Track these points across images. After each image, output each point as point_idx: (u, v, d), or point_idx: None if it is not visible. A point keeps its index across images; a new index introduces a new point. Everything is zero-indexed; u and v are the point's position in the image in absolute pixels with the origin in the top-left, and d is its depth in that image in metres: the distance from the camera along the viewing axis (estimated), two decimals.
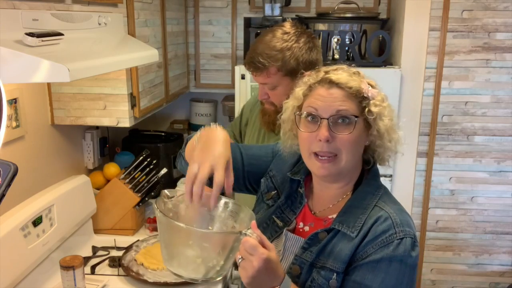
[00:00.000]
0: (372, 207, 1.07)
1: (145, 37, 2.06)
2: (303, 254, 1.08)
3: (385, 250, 1.00)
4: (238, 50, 2.81)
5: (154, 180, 2.09)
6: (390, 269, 1.00)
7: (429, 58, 2.49)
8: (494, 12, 2.42)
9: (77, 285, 1.54)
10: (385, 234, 1.02)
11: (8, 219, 1.49)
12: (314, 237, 1.08)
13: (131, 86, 1.90)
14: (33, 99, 1.78)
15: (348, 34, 2.53)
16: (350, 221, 1.06)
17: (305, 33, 1.59)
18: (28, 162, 1.73)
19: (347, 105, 1.04)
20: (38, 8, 1.29)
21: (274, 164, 1.29)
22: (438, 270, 2.76)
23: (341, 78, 1.06)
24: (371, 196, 1.09)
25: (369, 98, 1.05)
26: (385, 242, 1.01)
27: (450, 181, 2.64)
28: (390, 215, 1.05)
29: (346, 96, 1.04)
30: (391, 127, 1.08)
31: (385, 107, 1.07)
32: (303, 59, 1.55)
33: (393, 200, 1.12)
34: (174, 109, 3.10)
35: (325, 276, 1.04)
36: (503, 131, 2.56)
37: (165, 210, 1.06)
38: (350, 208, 1.08)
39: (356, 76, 1.08)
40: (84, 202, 1.93)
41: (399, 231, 1.02)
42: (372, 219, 1.05)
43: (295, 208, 1.17)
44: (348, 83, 1.05)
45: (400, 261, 1.00)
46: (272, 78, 1.57)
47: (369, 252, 1.02)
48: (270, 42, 1.56)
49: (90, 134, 2.18)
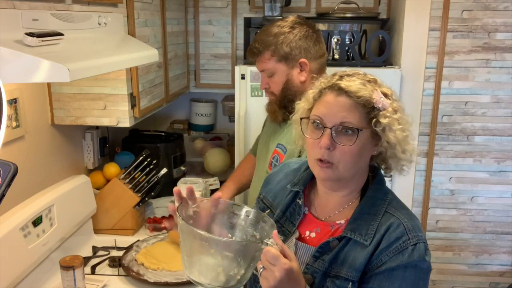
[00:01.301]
0: (383, 214, 1.07)
1: (145, 37, 2.06)
2: (315, 263, 1.08)
3: (400, 257, 1.01)
4: (238, 50, 2.81)
5: (154, 180, 2.09)
6: (406, 275, 1.01)
7: (429, 58, 2.49)
8: (494, 12, 2.42)
9: (77, 285, 1.54)
10: (398, 241, 1.02)
11: (8, 219, 1.49)
12: (325, 246, 1.07)
13: (131, 86, 1.90)
14: (33, 99, 1.78)
15: (348, 34, 2.53)
16: (362, 228, 1.05)
17: (306, 24, 1.62)
18: (28, 162, 1.73)
19: (352, 116, 1.02)
20: (38, 8, 1.29)
21: (262, 188, 1.31)
22: (438, 270, 2.76)
23: (351, 85, 1.04)
24: (380, 202, 1.09)
25: (379, 108, 1.03)
26: (400, 249, 1.01)
27: (450, 181, 2.64)
28: (401, 221, 1.05)
29: (353, 106, 1.02)
30: (403, 139, 1.05)
31: (396, 118, 1.03)
32: (297, 44, 1.58)
33: (401, 204, 1.12)
34: (174, 109, 3.10)
35: (340, 285, 1.03)
36: (503, 131, 2.56)
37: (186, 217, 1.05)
38: (360, 215, 1.07)
39: (370, 84, 1.05)
40: (84, 202, 1.93)
41: (412, 237, 1.02)
42: (384, 226, 1.04)
43: (294, 219, 1.16)
44: (358, 92, 1.03)
45: (415, 267, 1.01)
46: (267, 63, 1.62)
47: (384, 260, 1.02)
48: (267, 29, 1.63)
49: (90, 134, 2.18)
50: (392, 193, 1.13)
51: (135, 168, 2.07)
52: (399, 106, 1.06)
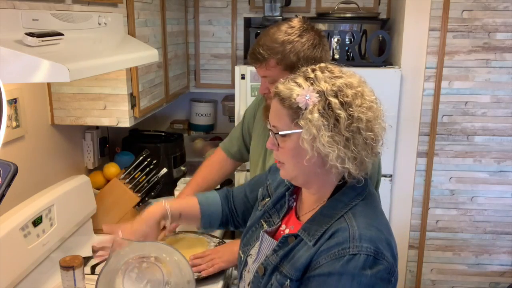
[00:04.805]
0: (338, 218, 1.02)
1: (145, 37, 2.06)
2: (271, 256, 1.08)
3: (335, 264, 0.95)
4: (238, 50, 2.81)
5: (154, 180, 2.09)
6: (339, 284, 0.94)
7: (429, 58, 2.49)
8: (494, 12, 2.42)
9: (77, 285, 1.54)
10: (338, 247, 0.96)
11: (8, 219, 1.49)
12: (284, 241, 1.08)
13: (131, 86, 1.90)
14: (33, 99, 1.77)
15: (348, 34, 2.53)
16: (312, 229, 1.04)
17: (312, 30, 1.56)
18: (28, 162, 1.73)
19: (280, 119, 1.03)
20: (38, 8, 1.29)
21: (271, 174, 1.33)
22: (438, 270, 2.76)
23: (281, 90, 1.02)
24: (342, 205, 1.04)
25: (302, 107, 0.98)
26: (337, 256, 0.96)
27: (450, 181, 2.64)
28: (350, 228, 0.98)
29: (279, 110, 1.03)
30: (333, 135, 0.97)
31: (314, 117, 0.96)
32: (304, 54, 1.51)
33: (367, 213, 1.03)
34: (174, 109, 3.10)
35: (280, 280, 1.03)
36: (503, 131, 2.56)
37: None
38: (319, 216, 1.06)
39: (305, 82, 1.00)
40: (84, 202, 1.93)
41: (353, 246, 0.95)
42: (332, 229, 1.00)
43: (281, 212, 1.18)
44: (286, 94, 1.00)
45: (351, 278, 0.94)
46: (271, 71, 1.55)
47: (321, 263, 0.98)
48: (273, 35, 1.54)
49: (90, 134, 2.18)
50: (367, 201, 1.06)
51: (135, 168, 2.07)
52: (319, 105, 0.97)
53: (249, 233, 1.24)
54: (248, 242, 1.22)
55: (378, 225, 1.01)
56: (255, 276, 1.11)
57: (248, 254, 1.20)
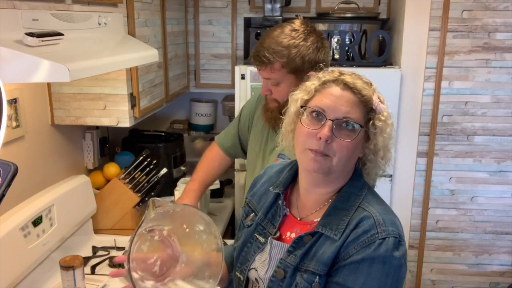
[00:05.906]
0: (356, 208, 1.05)
1: (145, 37, 2.06)
2: (287, 258, 1.07)
3: (366, 250, 0.99)
4: (238, 50, 2.81)
5: (154, 180, 2.09)
6: (372, 270, 0.98)
7: (429, 58, 2.49)
8: (494, 12, 2.42)
9: (77, 285, 1.54)
10: (366, 234, 1.00)
11: (8, 219, 1.50)
12: (299, 241, 1.07)
13: (131, 86, 1.90)
14: (33, 99, 1.78)
15: (348, 34, 2.53)
16: (333, 223, 1.04)
17: (315, 33, 1.57)
18: (28, 162, 1.73)
19: (356, 112, 1.03)
20: (38, 8, 1.29)
21: (248, 192, 1.30)
22: (438, 270, 2.76)
23: (356, 83, 1.05)
24: (355, 196, 1.08)
25: (376, 111, 1.05)
26: (367, 243, 0.99)
27: (450, 181, 2.64)
28: (372, 214, 1.03)
29: (357, 103, 1.04)
30: (386, 146, 1.08)
31: (388, 124, 1.07)
32: (309, 58, 1.53)
33: (378, 199, 1.10)
34: (174, 109, 3.10)
35: (307, 279, 1.03)
36: (503, 131, 2.56)
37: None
38: (333, 210, 1.07)
39: (368, 86, 1.08)
40: (84, 202, 1.93)
41: (381, 230, 1.00)
42: (356, 220, 1.03)
43: (275, 221, 1.15)
44: (362, 90, 1.05)
45: (382, 262, 0.98)
46: (276, 74, 1.55)
47: (351, 253, 1.00)
48: (278, 38, 1.54)
49: (90, 134, 2.18)
50: (369, 187, 1.13)
51: (135, 168, 2.07)
52: (390, 113, 1.09)
53: (245, 250, 1.19)
54: (245, 260, 1.18)
55: (389, 209, 1.08)
56: (272, 281, 1.08)
57: (249, 269, 1.16)
